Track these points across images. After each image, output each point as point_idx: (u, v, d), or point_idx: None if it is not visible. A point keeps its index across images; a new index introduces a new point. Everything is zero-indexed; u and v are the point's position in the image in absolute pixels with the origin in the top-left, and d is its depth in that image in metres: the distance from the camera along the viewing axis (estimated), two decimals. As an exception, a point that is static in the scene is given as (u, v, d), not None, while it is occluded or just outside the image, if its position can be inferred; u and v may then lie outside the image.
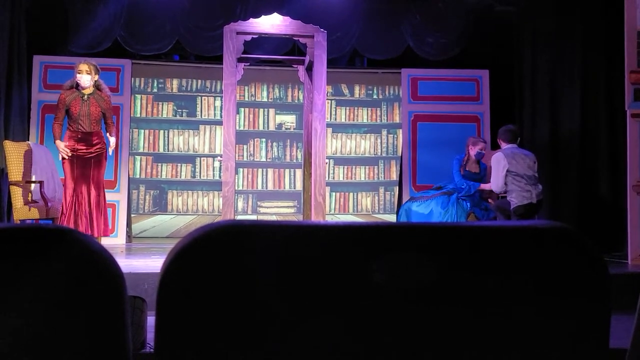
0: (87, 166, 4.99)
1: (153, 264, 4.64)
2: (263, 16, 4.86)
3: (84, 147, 5.00)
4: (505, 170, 5.30)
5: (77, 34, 6.86)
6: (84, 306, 0.67)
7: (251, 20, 4.89)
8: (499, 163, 5.36)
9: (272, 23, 4.82)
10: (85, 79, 4.98)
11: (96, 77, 5.09)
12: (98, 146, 5.06)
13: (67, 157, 4.96)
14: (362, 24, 7.20)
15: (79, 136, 5.02)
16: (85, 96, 5.01)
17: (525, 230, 0.72)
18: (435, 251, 0.69)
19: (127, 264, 4.64)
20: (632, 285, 3.76)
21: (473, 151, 6.02)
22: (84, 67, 4.99)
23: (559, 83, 6.56)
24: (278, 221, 0.69)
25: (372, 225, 0.69)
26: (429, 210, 5.79)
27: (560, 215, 6.33)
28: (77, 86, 5.05)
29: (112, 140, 5.26)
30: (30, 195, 5.52)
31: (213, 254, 0.66)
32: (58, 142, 4.95)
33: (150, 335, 2.80)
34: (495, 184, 5.39)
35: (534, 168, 5.39)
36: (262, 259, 0.66)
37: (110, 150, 5.26)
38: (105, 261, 0.68)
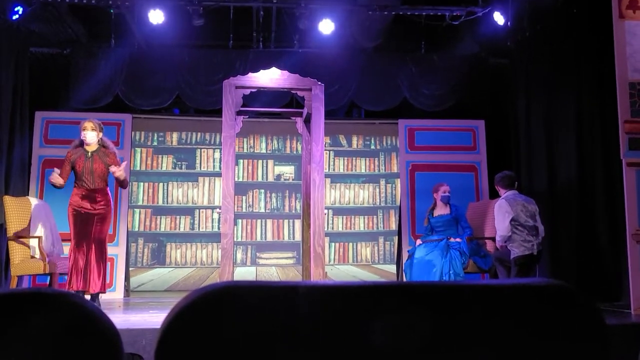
0: (89, 224, 5.02)
1: (151, 319, 4.59)
2: (262, 70, 4.94)
3: (88, 205, 5.03)
4: (510, 218, 5.26)
5: (79, 90, 6.96)
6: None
7: (250, 74, 4.97)
8: (503, 210, 5.32)
9: (270, 77, 4.90)
10: (90, 135, 5.07)
11: (100, 135, 5.15)
12: (102, 204, 5.08)
13: (57, 183, 4.98)
14: (359, 77, 7.33)
15: (84, 193, 5.06)
16: (89, 153, 5.08)
17: (524, 289, 0.73)
18: (436, 310, 0.69)
19: (125, 319, 4.58)
20: (635, 336, 3.71)
21: (438, 196, 6.14)
22: (88, 124, 5.09)
23: (555, 131, 6.60)
24: (275, 282, 0.70)
25: (369, 285, 0.70)
26: (427, 255, 5.75)
27: (560, 265, 6.28)
28: (82, 144, 5.11)
29: (124, 163, 5.19)
30: (28, 250, 5.50)
31: (212, 315, 0.66)
32: (53, 172, 4.95)
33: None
34: (500, 231, 5.32)
35: (535, 217, 5.36)
36: (260, 320, 0.66)
37: (122, 167, 5.10)
38: (100, 322, 0.68)
